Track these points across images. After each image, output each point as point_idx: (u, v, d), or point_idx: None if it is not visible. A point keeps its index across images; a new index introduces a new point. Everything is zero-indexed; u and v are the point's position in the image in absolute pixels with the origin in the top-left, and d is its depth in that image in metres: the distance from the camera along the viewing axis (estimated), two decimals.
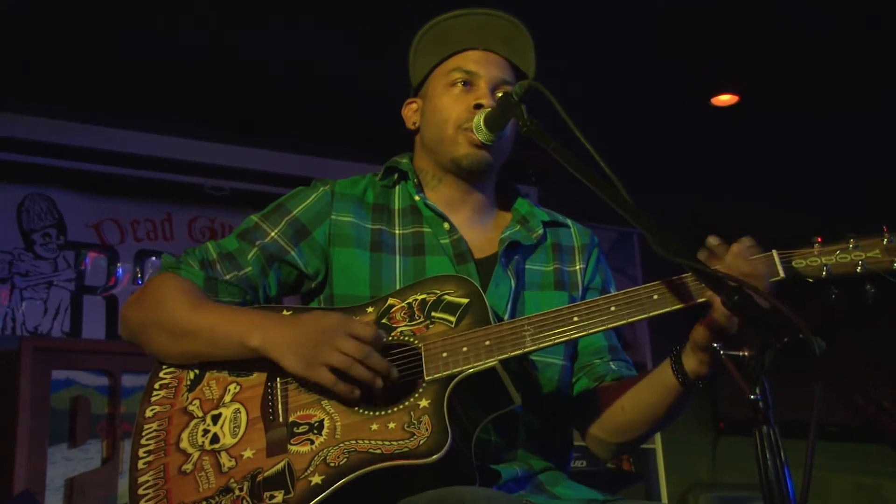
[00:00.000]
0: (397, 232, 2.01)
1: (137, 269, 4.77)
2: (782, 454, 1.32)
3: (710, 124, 5.19)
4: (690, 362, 1.70)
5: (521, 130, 1.82)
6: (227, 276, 1.93)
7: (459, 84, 2.02)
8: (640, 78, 4.72)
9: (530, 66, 2.08)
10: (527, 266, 2.02)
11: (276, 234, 1.97)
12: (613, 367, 1.99)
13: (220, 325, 1.78)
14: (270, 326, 1.74)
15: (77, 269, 4.66)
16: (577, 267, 2.07)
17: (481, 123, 1.93)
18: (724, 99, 4.97)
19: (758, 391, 1.36)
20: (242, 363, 1.79)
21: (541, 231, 2.06)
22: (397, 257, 1.97)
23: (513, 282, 1.95)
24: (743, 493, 5.23)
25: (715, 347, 1.53)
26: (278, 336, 1.72)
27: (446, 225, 2.00)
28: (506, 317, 1.89)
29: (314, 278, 1.98)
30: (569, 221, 2.15)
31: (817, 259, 1.60)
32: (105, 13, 3.95)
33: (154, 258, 4.80)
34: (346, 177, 2.10)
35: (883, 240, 1.58)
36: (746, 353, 1.41)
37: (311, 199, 2.01)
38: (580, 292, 2.04)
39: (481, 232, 2.04)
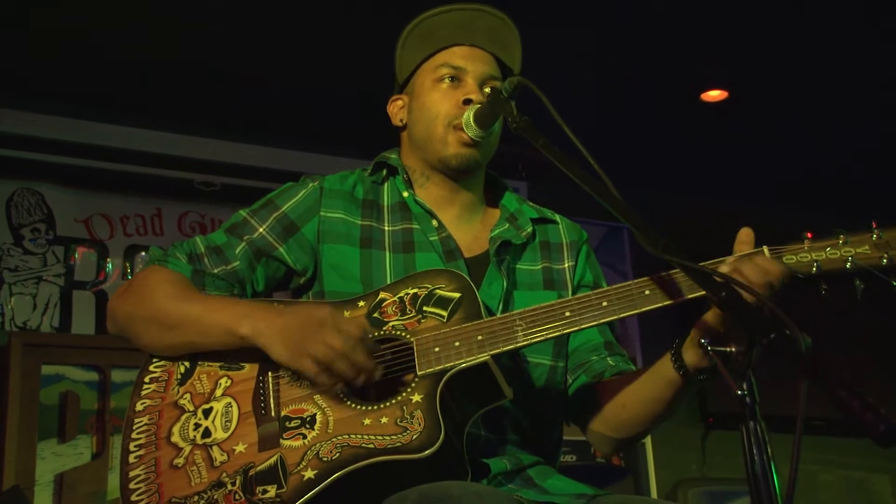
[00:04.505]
0: (387, 228, 2.01)
1: (127, 265, 4.75)
2: (769, 449, 1.34)
3: (699, 120, 5.21)
4: (690, 355, 1.70)
5: (511, 127, 1.82)
6: (215, 270, 1.93)
7: (447, 80, 2.02)
8: (629, 73, 4.73)
9: (516, 61, 2.09)
10: (516, 266, 2.02)
11: (264, 229, 1.97)
12: (611, 362, 1.99)
13: (209, 314, 1.78)
14: (260, 315, 1.74)
15: (66, 264, 4.65)
16: (566, 265, 2.07)
17: (471, 120, 1.93)
18: (714, 95, 4.99)
19: (745, 387, 1.37)
20: (233, 356, 1.79)
21: (530, 229, 2.06)
22: (387, 253, 1.97)
23: (505, 281, 1.95)
24: (732, 487, 5.26)
25: (703, 343, 1.54)
26: (267, 324, 1.72)
27: (434, 222, 2.00)
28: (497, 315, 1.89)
29: (303, 274, 1.98)
30: (557, 217, 2.14)
31: (807, 255, 1.62)
32: (95, 9, 3.93)
33: (144, 253, 4.78)
34: (336, 171, 2.10)
35: (872, 236, 1.60)
36: (734, 349, 1.42)
37: (300, 195, 2.01)
38: (569, 291, 2.04)
39: (469, 230, 2.04)
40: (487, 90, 1.99)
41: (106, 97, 4.62)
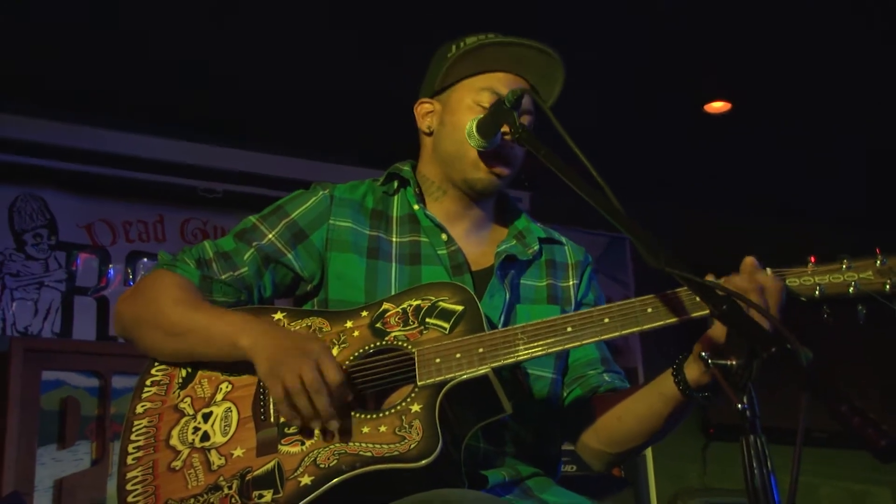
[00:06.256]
0: (395, 240, 2.01)
1: (129, 271, 4.76)
2: (769, 463, 1.33)
3: (702, 131, 5.21)
4: (691, 371, 1.69)
5: (512, 137, 1.83)
6: (223, 276, 1.93)
7: (487, 105, 1.95)
8: (631, 84, 4.74)
9: (553, 97, 2.03)
10: (521, 281, 2.02)
11: (273, 236, 1.97)
12: (607, 378, 1.99)
13: (214, 324, 1.79)
14: (261, 330, 1.75)
15: (68, 270, 4.65)
16: (571, 283, 2.07)
17: (473, 130, 1.93)
18: (717, 106, 4.99)
19: (745, 400, 1.37)
20: (235, 362, 1.79)
21: (536, 247, 2.06)
22: (393, 265, 1.97)
23: (507, 294, 1.95)
24: (732, 498, 5.25)
25: (703, 356, 1.53)
26: (265, 340, 1.73)
27: (444, 236, 2.00)
28: (499, 328, 1.88)
29: (310, 281, 1.98)
30: (563, 239, 2.14)
31: (811, 279, 1.61)
32: (98, 14, 3.95)
33: (146, 259, 4.79)
34: (339, 181, 2.10)
35: (876, 262, 1.59)
36: (734, 363, 1.42)
37: (310, 202, 2.01)
38: (573, 307, 2.04)
39: (477, 245, 2.04)
40: (524, 121, 1.96)
41: (108, 103, 4.63)
